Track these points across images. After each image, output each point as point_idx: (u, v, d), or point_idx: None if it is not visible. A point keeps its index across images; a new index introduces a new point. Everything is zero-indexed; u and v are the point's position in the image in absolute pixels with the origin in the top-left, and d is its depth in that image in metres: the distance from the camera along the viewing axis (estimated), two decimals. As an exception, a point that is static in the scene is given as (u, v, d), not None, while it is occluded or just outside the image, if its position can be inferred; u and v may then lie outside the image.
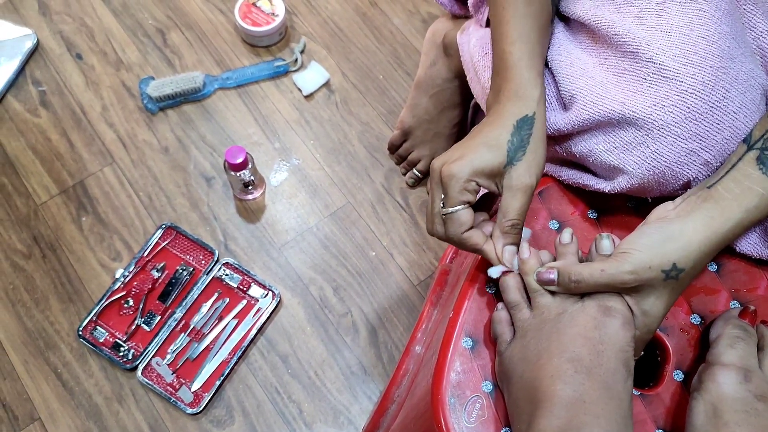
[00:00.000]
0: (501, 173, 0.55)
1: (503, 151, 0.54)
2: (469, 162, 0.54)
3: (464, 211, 0.55)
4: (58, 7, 1.25)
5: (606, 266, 0.50)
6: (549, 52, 0.64)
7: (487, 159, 0.54)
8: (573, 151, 0.61)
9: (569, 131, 0.60)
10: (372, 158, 1.16)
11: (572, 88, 0.60)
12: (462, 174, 0.53)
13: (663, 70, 0.55)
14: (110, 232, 1.08)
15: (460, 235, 0.55)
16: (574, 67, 0.61)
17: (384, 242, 1.10)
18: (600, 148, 0.58)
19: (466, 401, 0.54)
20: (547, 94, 0.63)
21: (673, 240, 0.50)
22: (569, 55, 0.62)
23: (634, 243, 0.50)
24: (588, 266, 0.51)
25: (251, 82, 1.21)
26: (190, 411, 0.97)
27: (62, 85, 1.19)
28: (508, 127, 0.55)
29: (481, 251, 0.56)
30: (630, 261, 0.49)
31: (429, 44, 1.04)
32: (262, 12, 1.20)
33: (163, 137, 1.16)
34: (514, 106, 0.56)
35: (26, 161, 1.13)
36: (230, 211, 1.11)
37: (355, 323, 1.04)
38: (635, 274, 0.49)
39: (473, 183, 0.54)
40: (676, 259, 0.49)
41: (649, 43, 0.56)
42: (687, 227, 0.50)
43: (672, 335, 0.58)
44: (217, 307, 1.03)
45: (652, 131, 0.55)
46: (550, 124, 0.61)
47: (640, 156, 0.56)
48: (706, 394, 0.51)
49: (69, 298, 1.04)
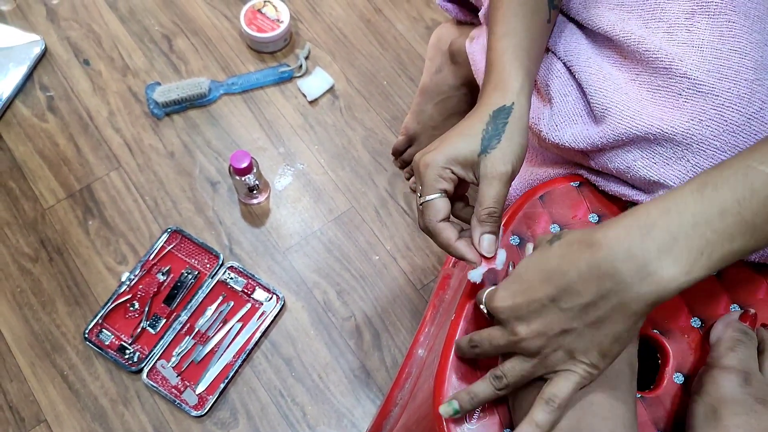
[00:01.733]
0: (476, 162, 0.55)
1: (477, 139, 0.55)
2: (443, 151, 0.54)
3: (440, 199, 0.55)
4: (66, 13, 1.27)
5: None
6: (576, 64, 0.64)
7: (461, 147, 0.54)
8: (609, 167, 0.61)
9: (603, 145, 0.60)
10: (376, 163, 1.17)
11: (606, 102, 0.60)
12: (436, 162, 0.54)
13: (698, 85, 0.55)
14: (116, 235, 1.09)
15: (435, 224, 0.55)
16: (607, 81, 0.61)
17: (387, 246, 1.10)
18: (639, 164, 0.58)
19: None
20: (576, 107, 0.63)
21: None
22: (600, 69, 0.62)
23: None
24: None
25: (256, 88, 1.22)
26: (195, 413, 0.97)
27: (69, 91, 1.20)
28: (485, 117, 0.55)
29: (453, 247, 0.55)
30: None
31: (434, 50, 1.04)
32: (267, 18, 1.21)
33: (169, 142, 1.17)
34: (492, 97, 0.57)
35: (34, 166, 1.14)
36: (235, 216, 1.12)
37: (358, 327, 1.05)
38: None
39: (448, 171, 0.54)
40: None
41: (682, 59, 0.56)
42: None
43: (672, 338, 0.58)
44: (222, 311, 1.03)
45: (690, 146, 0.55)
46: (582, 137, 0.61)
47: (681, 170, 0.56)
48: (706, 396, 0.52)
49: (75, 301, 1.05)
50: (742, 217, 0.42)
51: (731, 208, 0.42)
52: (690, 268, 0.42)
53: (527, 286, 0.48)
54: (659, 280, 0.42)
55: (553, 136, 0.63)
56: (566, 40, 0.66)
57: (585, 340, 0.46)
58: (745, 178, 0.42)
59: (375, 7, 1.30)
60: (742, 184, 0.42)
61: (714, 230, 0.42)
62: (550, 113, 0.64)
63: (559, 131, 0.63)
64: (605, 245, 0.44)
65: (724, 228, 0.42)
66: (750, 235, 0.43)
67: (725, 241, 0.42)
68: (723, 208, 0.42)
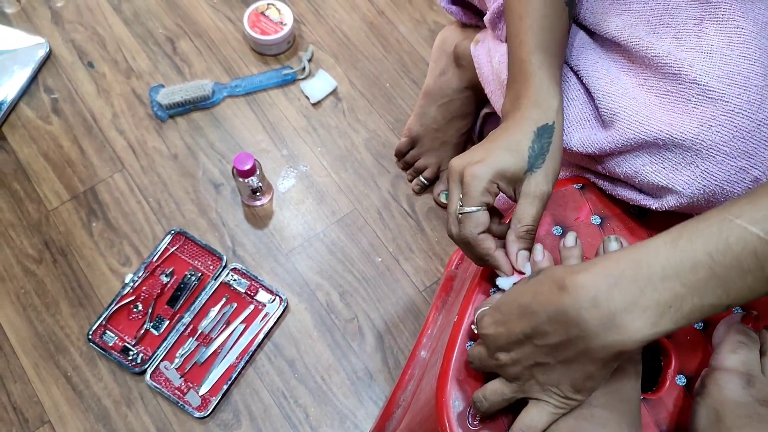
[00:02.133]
0: (521, 179, 0.55)
1: (524, 156, 0.55)
2: (491, 164, 0.54)
3: (482, 212, 0.55)
4: (71, 16, 1.27)
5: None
6: (584, 68, 0.64)
7: (509, 163, 0.54)
8: (617, 172, 0.61)
9: (611, 150, 0.60)
10: (378, 165, 1.17)
11: (614, 106, 0.60)
12: (485, 175, 0.54)
13: (708, 92, 0.55)
14: (120, 237, 1.10)
15: (476, 236, 0.55)
16: (615, 86, 0.61)
17: (390, 248, 1.11)
18: (647, 169, 0.58)
19: (471, 404, 0.55)
20: (583, 111, 0.63)
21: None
22: (608, 73, 0.62)
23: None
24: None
25: (259, 90, 1.22)
26: (198, 415, 0.97)
27: (74, 93, 1.21)
28: (529, 134, 0.55)
29: (492, 257, 0.56)
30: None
31: (438, 52, 1.04)
32: (271, 21, 1.21)
33: (172, 144, 1.17)
34: (533, 113, 0.57)
35: (38, 167, 1.14)
36: (238, 217, 1.12)
37: (361, 328, 1.05)
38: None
39: (495, 185, 0.55)
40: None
41: (692, 64, 0.56)
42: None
43: (675, 340, 0.59)
44: (225, 312, 1.04)
45: (700, 151, 0.55)
46: (590, 142, 0.61)
47: (690, 176, 0.56)
48: (708, 398, 0.52)
49: (79, 302, 1.05)
50: (714, 272, 0.41)
51: (704, 262, 0.41)
52: (657, 321, 0.42)
53: (506, 318, 0.49)
54: (624, 331, 0.42)
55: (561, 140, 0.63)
56: (573, 45, 0.66)
57: (557, 375, 0.47)
58: (720, 232, 0.41)
59: (378, 9, 1.30)
60: (717, 237, 0.41)
61: (684, 284, 0.42)
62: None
63: (567, 135, 0.63)
64: (573, 291, 0.44)
65: (694, 282, 0.41)
66: (722, 291, 0.42)
67: (695, 295, 0.42)
68: (695, 261, 0.42)
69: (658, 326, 0.42)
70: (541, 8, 0.60)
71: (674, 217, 0.64)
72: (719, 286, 0.41)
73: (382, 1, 1.31)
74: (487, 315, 0.51)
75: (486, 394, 0.51)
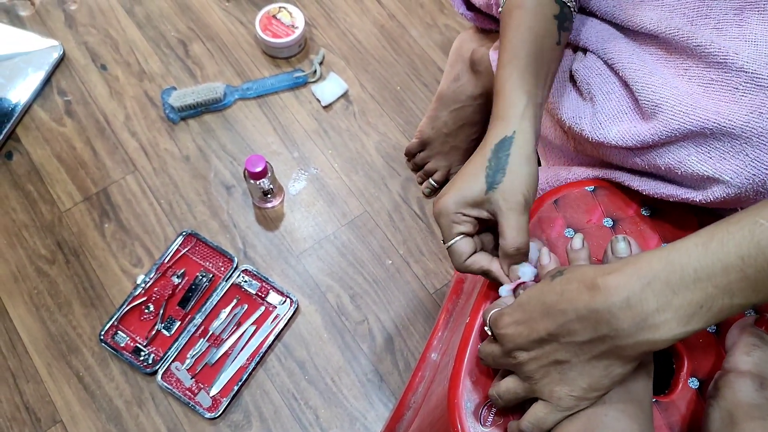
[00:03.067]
0: (485, 199, 0.56)
1: (481, 177, 0.56)
2: (452, 196, 0.56)
3: (461, 241, 0.56)
4: (84, 19, 1.28)
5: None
6: (619, 62, 0.63)
7: (467, 189, 0.56)
8: (658, 163, 0.60)
9: (654, 142, 0.59)
10: (389, 168, 1.17)
11: (655, 98, 0.59)
12: (450, 208, 0.56)
13: (756, 79, 0.54)
14: (132, 238, 1.10)
15: (464, 264, 0.57)
16: (654, 77, 0.60)
17: (400, 251, 1.11)
18: (692, 159, 0.57)
19: (482, 405, 0.55)
20: (620, 104, 0.63)
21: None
22: (644, 65, 0.61)
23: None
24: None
25: (271, 93, 1.23)
26: (209, 415, 0.98)
27: (87, 95, 1.22)
28: (487, 153, 0.56)
29: (489, 272, 0.57)
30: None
31: (455, 56, 1.03)
32: (282, 24, 1.22)
33: (184, 146, 1.18)
34: (495, 129, 0.57)
35: (51, 169, 1.15)
36: (249, 219, 1.12)
37: (371, 330, 1.05)
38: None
39: (459, 215, 0.56)
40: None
41: (737, 52, 0.55)
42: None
43: (687, 342, 0.58)
44: (236, 314, 1.04)
45: (750, 139, 0.54)
46: (629, 134, 0.61)
47: (739, 165, 0.55)
48: (721, 401, 0.52)
49: (91, 303, 1.06)
50: (745, 274, 0.42)
51: (735, 265, 0.42)
52: (688, 320, 0.43)
53: (528, 317, 0.49)
54: (656, 331, 0.43)
55: (597, 134, 0.63)
56: (604, 39, 0.65)
57: (575, 373, 0.47)
58: (752, 235, 0.42)
59: (389, 13, 1.31)
60: (749, 240, 0.42)
61: (715, 285, 0.42)
62: (593, 111, 0.64)
63: (604, 129, 0.63)
64: (604, 291, 0.44)
65: (726, 284, 0.42)
66: (751, 291, 0.42)
67: (726, 296, 0.43)
68: (727, 264, 0.42)
69: (690, 325, 0.43)
70: (526, 21, 0.60)
71: (687, 222, 0.64)
72: (749, 287, 0.42)
73: (393, 5, 1.32)
74: (505, 314, 0.51)
75: (500, 393, 0.52)
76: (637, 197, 0.65)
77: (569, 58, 0.70)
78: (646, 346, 0.44)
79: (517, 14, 0.61)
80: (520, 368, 0.50)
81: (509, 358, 0.50)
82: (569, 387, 0.48)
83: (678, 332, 0.43)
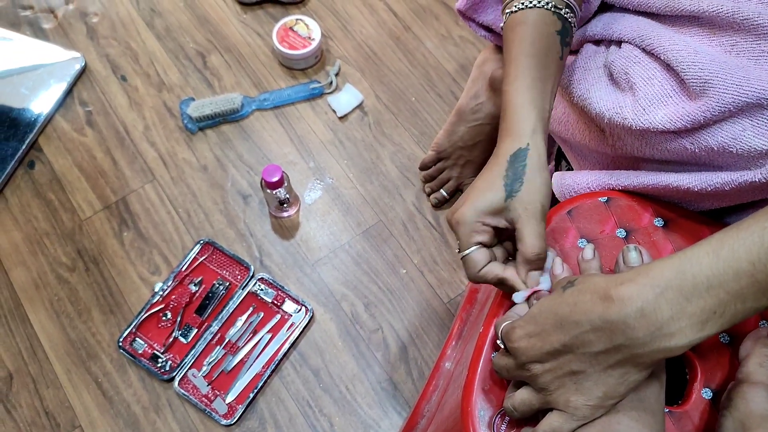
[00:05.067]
0: (504, 207, 0.56)
1: (500, 186, 0.56)
2: (472, 205, 0.56)
3: (477, 252, 0.57)
4: (105, 31, 1.31)
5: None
6: (659, 45, 0.62)
7: (488, 198, 0.56)
8: (710, 143, 0.58)
9: (705, 120, 0.57)
10: (403, 178, 1.18)
11: (703, 74, 0.57)
12: (469, 217, 0.56)
13: None
14: (150, 246, 1.12)
15: (478, 274, 0.57)
16: (699, 56, 0.58)
17: (415, 260, 1.12)
18: (748, 134, 0.56)
19: (496, 414, 0.56)
20: (664, 87, 0.61)
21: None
22: (687, 45, 0.60)
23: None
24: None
25: (287, 104, 1.24)
26: (225, 422, 0.99)
27: (107, 106, 1.24)
28: (503, 164, 0.57)
29: (504, 280, 0.57)
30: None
31: (476, 72, 1.03)
32: (299, 36, 1.24)
33: (202, 156, 1.20)
34: (507, 143, 0.58)
35: (72, 178, 1.17)
36: (266, 228, 1.14)
37: (385, 339, 1.06)
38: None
39: (479, 224, 0.56)
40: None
41: None
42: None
43: (701, 353, 0.59)
44: (252, 321, 1.05)
45: None
46: (678, 116, 0.59)
47: None
48: (735, 411, 0.52)
49: (110, 310, 1.08)
50: (756, 279, 0.43)
51: (746, 270, 0.43)
52: (702, 326, 0.44)
53: (541, 329, 0.49)
54: (671, 338, 0.44)
55: (641, 120, 0.61)
56: (641, 28, 0.65)
57: (591, 383, 0.48)
58: (762, 240, 0.43)
59: (404, 25, 1.32)
60: (758, 246, 0.43)
61: (728, 291, 0.43)
62: (634, 99, 0.62)
63: (648, 114, 0.61)
64: (618, 301, 0.45)
65: (738, 289, 0.43)
66: (762, 295, 0.43)
67: (738, 301, 0.44)
68: (738, 270, 0.43)
69: (704, 331, 0.44)
70: (529, 37, 0.61)
71: (700, 233, 0.64)
72: (760, 291, 0.43)
73: (409, 17, 1.33)
74: (518, 327, 0.51)
75: (515, 404, 0.52)
76: (650, 208, 0.66)
77: (602, 54, 0.69)
78: (662, 353, 0.45)
79: (521, 30, 0.62)
80: (535, 380, 0.50)
81: (523, 370, 0.51)
82: (585, 396, 0.48)
83: (693, 338, 0.44)
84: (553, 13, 0.62)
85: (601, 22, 0.70)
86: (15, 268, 1.10)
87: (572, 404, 0.49)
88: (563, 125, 0.74)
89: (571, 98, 0.70)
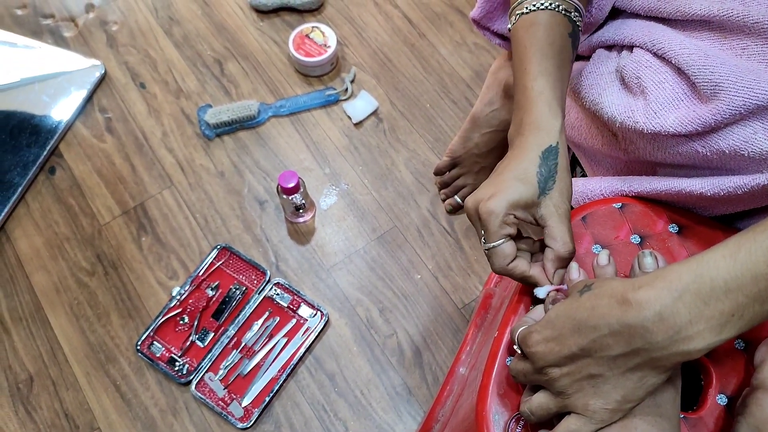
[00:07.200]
0: (536, 203, 0.56)
1: (534, 182, 0.56)
2: (504, 197, 0.56)
3: (506, 244, 0.57)
4: (125, 39, 1.33)
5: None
6: (670, 49, 0.62)
7: (521, 192, 0.56)
8: (721, 147, 0.59)
9: (717, 123, 0.58)
10: (418, 184, 1.19)
11: (714, 78, 0.58)
12: (500, 209, 0.55)
13: None
14: (168, 251, 1.14)
15: (505, 267, 0.57)
16: (710, 59, 0.59)
17: (429, 266, 1.12)
18: (759, 137, 0.56)
19: (510, 418, 0.56)
20: (675, 90, 0.62)
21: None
22: (698, 49, 0.61)
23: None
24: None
25: (303, 110, 1.26)
26: (241, 425, 1.00)
27: (126, 113, 1.26)
28: (535, 159, 0.57)
29: (530, 277, 0.57)
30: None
31: (491, 79, 1.03)
32: (315, 43, 1.25)
33: (219, 162, 1.21)
34: (536, 137, 0.58)
35: (92, 184, 1.19)
36: (282, 234, 1.15)
37: (400, 344, 1.07)
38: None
39: (511, 216, 0.56)
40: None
41: None
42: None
43: (716, 359, 0.59)
44: (268, 326, 1.06)
45: None
46: (689, 119, 0.59)
47: None
48: (750, 417, 0.52)
49: (128, 314, 1.09)
50: None
51: (764, 273, 0.43)
52: (721, 329, 0.44)
53: (558, 333, 0.50)
54: (690, 342, 0.44)
55: (653, 124, 0.61)
56: (652, 33, 0.65)
57: (609, 386, 0.48)
58: None
59: (419, 32, 1.33)
60: None
61: (746, 295, 0.43)
62: (645, 103, 0.63)
63: (660, 118, 0.61)
64: (636, 305, 0.45)
65: (756, 293, 0.43)
66: None
67: (756, 303, 0.44)
68: (756, 272, 0.43)
69: (723, 334, 0.44)
70: (545, 37, 0.61)
71: (715, 239, 0.64)
72: None
73: (423, 24, 1.34)
74: (534, 332, 0.51)
75: (532, 409, 0.52)
76: (664, 214, 0.66)
77: (614, 58, 0.70)
78: (680, 356, 0.45)
79: (535, 30, 0.62)
80: (553, 384, 0.50)
81: (541, 374, 0.51)
82: (604, 400, 0.48)
83: (712, 341, 0.44)
84: (564, 16, 0.63)
85: (613, 28, 0.71)
86: (36, 273, 1.12)
87: (590, 408, 0.49)
88: (576, 130, 0.74)
89: (584, 103, 0.70)
